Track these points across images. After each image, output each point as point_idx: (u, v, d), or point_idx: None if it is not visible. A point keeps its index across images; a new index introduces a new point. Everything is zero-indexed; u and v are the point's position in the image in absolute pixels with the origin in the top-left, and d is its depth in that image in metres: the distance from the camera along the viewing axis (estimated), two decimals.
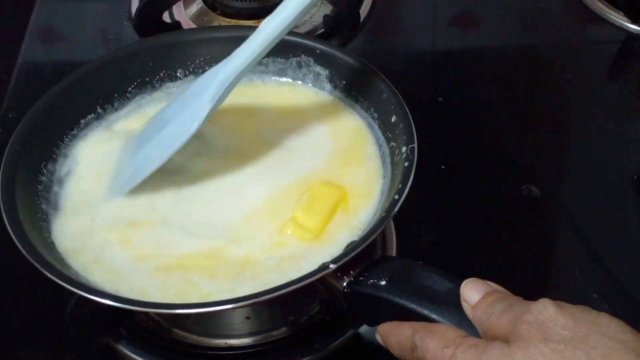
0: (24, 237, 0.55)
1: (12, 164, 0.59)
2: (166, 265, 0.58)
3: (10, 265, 0.64)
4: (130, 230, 0.60)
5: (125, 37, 0.89)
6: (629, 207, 0.75)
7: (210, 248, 0.58)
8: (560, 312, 0.43)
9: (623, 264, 0.69)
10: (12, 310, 0.67)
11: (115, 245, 0.59)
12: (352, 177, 0.63)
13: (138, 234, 0.60)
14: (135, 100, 0.70)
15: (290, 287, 0.51)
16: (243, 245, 0.58)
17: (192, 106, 0.60)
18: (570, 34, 0.91)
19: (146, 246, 0.59)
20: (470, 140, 0.79)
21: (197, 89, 0.61)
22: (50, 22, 0.93)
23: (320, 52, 0.68)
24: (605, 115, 0.81)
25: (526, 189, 0.73)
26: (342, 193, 0.61)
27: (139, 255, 0.58)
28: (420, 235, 0.70)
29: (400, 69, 0.84)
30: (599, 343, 0.41)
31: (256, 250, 0.58)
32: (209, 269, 0.57)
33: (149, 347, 0.63)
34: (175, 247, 0.59)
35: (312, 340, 0.63)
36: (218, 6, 0.90)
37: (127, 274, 0.57)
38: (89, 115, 0.67)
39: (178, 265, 0.58)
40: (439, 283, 0.51)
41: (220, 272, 0.57)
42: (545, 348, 0.42)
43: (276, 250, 0.58)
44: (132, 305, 0.53)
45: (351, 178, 0.63)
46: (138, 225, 0.60)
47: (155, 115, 0.65)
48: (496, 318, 0.45)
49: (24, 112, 0.63)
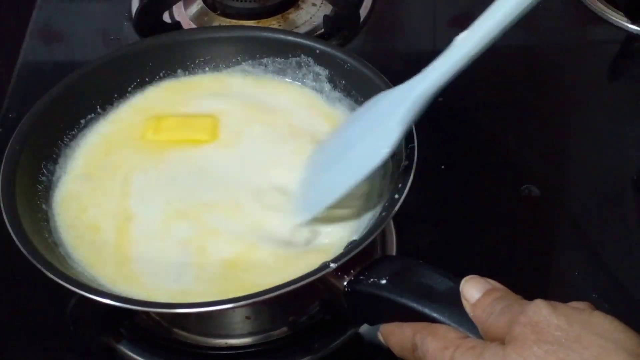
0: (24, 237, 0.55)
1: (13, 164, 0.59)
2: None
3: (11, 265, 0.64)
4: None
5: (125, 37, 0.89)
6: (628, 207, 0.75)
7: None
8: (554, 312, 0.43)
9: (623, 263, 0.69)
10: (13, 310, 0.67)
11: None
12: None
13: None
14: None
15: (290, 286, 0.51)
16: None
17: (381, 127, 0.55)
18: (570, 34, 0.91)
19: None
20: (470, 141, 0.79)
21: (385, 106, 0.56)
22: (51, 22, 0.93)
23: (320, 52, 0.68)
24: (605, 115, 0.81)
25: (526, 189, 0.73)
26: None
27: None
28: (420, 235, 0.70)
29: (400, 69, 0.84)
30: (592, 343, 0.41)
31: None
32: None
33: (150, 347, 0.63)
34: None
35: (312, 340, 0.63)
36: (218, 6, 0.90)
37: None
38: (89, 115, 0.68)
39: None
40: (439, 282, 0.51)
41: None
42: (539, 349, 0.42)
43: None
44: (133, 304, 0.53)
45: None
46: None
47: (337, 133, 0.61)
48: (495, 319, 0.45)
49: (24, 112, 0.63)
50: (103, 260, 0.59)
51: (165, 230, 0.60)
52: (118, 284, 0.57)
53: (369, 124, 0.57)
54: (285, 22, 0.89)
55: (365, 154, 0.56)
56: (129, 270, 0.58)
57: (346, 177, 0.57)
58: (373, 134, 0.56)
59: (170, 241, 0.60)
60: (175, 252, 0.59)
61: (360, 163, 0.56)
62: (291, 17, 0.89)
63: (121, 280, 0.57)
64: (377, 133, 0.56)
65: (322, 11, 0.90)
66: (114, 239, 0.60)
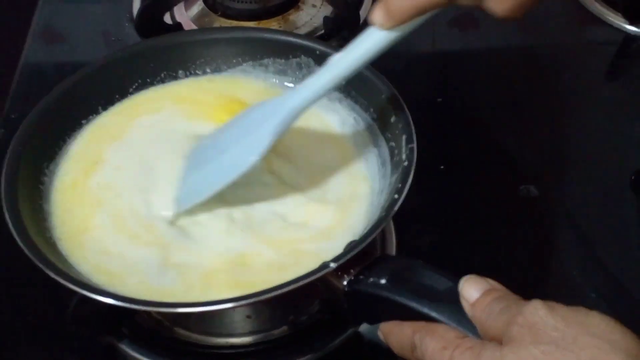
0: (26, 237, 0.55)
1: (15, 165, 0.60)
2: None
3: (12, 265, 0.64)
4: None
5: (126, 38, 0.89)
6: (627, 207, 0.75)
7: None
8: (551, 313, 0.43)
9: (621, 263, 0.69)
10: (14, 310, 0.67)
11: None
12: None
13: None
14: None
15: (290, 286, 0.51)
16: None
17: (253, 135, 0.58)
18: (569, 35, 0.91)
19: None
20: (469, 141, 0.79)
21: (259, 116, 0.59)
22: (52, 23, 0.93)
23: (320, 53, 0.68)
24: (604, 115, 0.81)
25: (525, 189, 0.74)
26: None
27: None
28: (419, 235, 0.70)
29: (400, 69, 0.84)
30: (588, 344, 0.41)
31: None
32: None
33: (151, 346, 0.63)
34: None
35: (313, 339, 0.63)
36: (219, 7, 0.90)
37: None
38: (90, 115, 0.68)
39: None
40: (438, 282, 0.51)
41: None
42: (535, 350, 0.42)
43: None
44: (134, 304, 0.53)
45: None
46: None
47: (212, 136, 0.63)
48: (493, 319, 0.46)
49: (26, 113, 0.63)
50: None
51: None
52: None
53: (242, 131, 0.60)
54: (285, 23, 0.89)
55: (235, 159, 0.58)
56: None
57: (215, 179, 0.59)
58: (245, 141, 0.59)
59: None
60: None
61: (230, 167, 0.58)
62: (291, 19, 0.90)
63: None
64: (248, 140, 0.58)
65: (322, 12, 0.90)
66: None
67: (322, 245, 0.59)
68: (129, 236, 0.60)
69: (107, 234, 0.60)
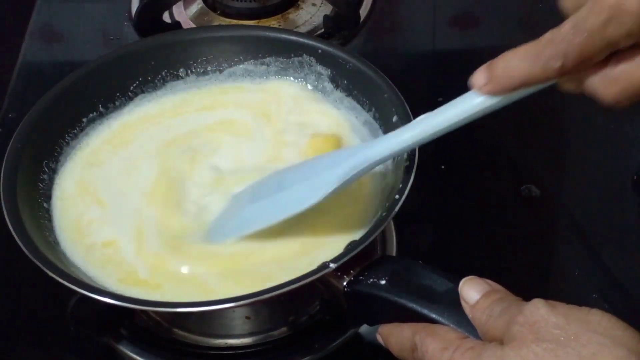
0: (25, 236, 0.55)
1: (14, 163, 0.59)
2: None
3: (11, 264, 0.64)
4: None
5: (125, 37, 0.89)
6: (628, 207, 0.75)
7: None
8: (552, 311, 0.43)
9: (622, 263, 0.69)
10: (13, 310, 0.67)
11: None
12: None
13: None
14: (137, 99, 0.70)
15: (290, 286, 0.51)
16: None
17: (318, 178, 0.57)
18: None
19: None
20: (470, 141, 0.79)
21: (328, 162, 0.57)
22: (51, 22, 0.93)
23: (323, 51, 0.68)
24: (605, 115, 0.81)
25: (526, 189, 0.73)
26: (336, 139, 0.63)
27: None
28: (420, 235, 0.70)
29: (400, 69, 0.84)
30: (590, 340, 0.41)
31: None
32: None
33: (150, 347, 0.63)
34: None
35: (312, 340, 0.63)
36: (218, 6, 0.90)
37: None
38: (90, 114, 0.68)
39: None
40: (438, 283, 0.51)
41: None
42: (537, 348, 0.42)
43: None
44: (133, 303, 0.53)
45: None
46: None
47: (275, 174, 0.62)
48: (494, 321, 0.45)
49: (24, 112, 0.63)
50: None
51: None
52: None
53: (307, 172, 0.58)
54: (285, 22, 0.89)
55: (297, 197, 0.57)
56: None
57: (271, 213, 0.58)
58: (309, 182, 0.57)
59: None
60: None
61: (289, 203, 0.57)
62: (291, 17, 0.90)
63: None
64: (313, 182, 0.57)
65: (322, 11, 0.90)
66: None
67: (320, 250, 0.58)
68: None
69: (107, 233, 0.60)
